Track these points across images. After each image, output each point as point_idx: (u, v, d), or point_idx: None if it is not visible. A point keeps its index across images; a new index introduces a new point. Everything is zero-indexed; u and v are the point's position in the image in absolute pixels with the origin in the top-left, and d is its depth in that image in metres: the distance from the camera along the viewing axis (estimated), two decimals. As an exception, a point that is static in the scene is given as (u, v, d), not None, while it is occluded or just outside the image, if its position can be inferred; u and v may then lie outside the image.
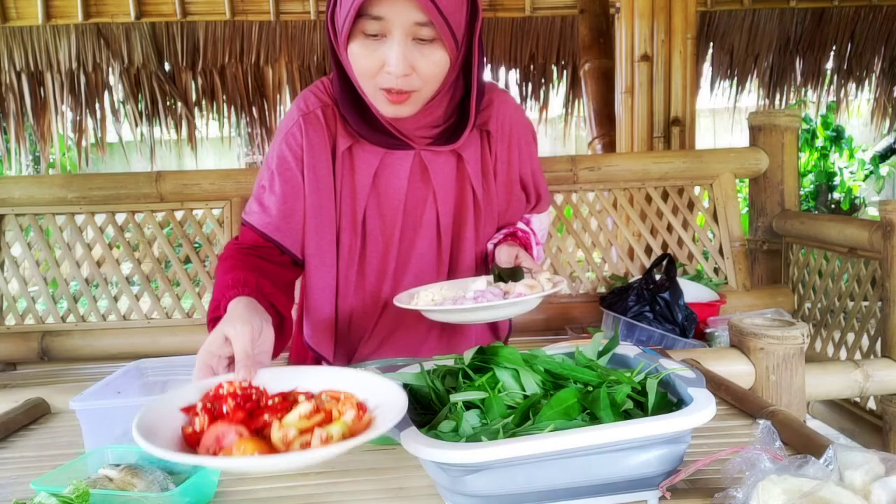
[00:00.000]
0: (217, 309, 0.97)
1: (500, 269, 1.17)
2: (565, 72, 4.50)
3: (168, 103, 4.25)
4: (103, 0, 3.89)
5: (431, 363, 0.90)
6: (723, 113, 5.92)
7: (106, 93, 4.22)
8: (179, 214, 2.33)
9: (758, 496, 0.63)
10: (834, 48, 4.54)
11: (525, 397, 0.79)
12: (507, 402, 0.78)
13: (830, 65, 4.63)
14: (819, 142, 6.16)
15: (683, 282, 2.12)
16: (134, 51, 4.07)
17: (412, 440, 0.68)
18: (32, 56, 4.01)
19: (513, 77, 4.52)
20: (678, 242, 2.42)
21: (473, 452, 0.65)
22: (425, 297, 1.09)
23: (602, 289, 2.37)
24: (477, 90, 1.09)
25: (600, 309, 2.15)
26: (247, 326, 0.84)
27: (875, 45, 4.52)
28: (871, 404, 2.08)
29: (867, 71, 4.64)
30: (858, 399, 2.10)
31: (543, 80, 4.53)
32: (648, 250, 2.43)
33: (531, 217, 1.31)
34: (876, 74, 4.67)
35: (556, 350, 0.91)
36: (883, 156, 6.28)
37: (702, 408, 0.70)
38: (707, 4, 4.20)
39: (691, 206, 2.43)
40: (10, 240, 2.25)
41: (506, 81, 4.49)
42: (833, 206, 6.08)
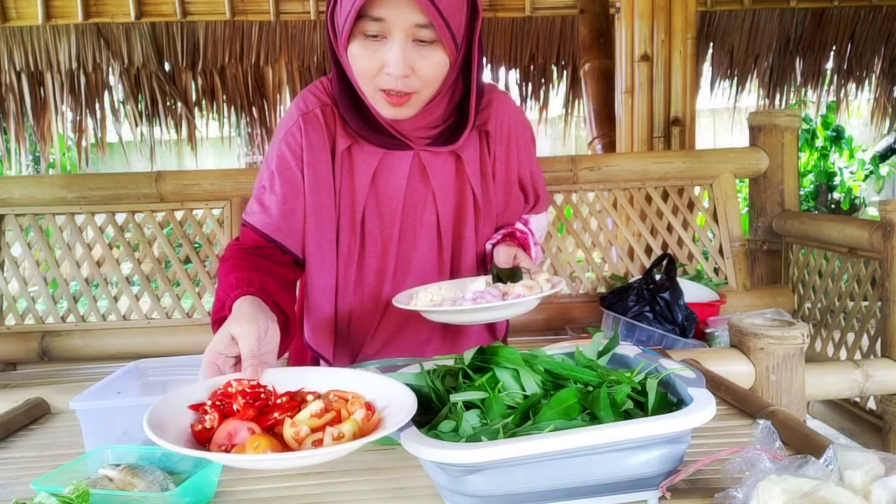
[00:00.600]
0: (221, 309, 0.97)
1: (499, 270, 1.17)
2: (565, 72, 4.50)
3: (168, 103, 4.25)
4: (103, 0, 3.89)
5: (431, 363, 0.90)
6: (723, 113, 5.92)
7: (106, 93, 4.22)
8: (179, 214, 2.33)
9: (758, 496, 0.63)
10: (834, 48, 4.54)
11: (525, 397, 0.78)
12: (507, 402, 0.78)
13: (830, 65, 4.63)
14: (819, 142, 6.16)
15: (683, 282, 2.12)
16: (134, 51, 4.07)
17: (412, 440, 0.68)
18: (32, 56, 4.01)
19: (513, 77, 4.52)
20: (678, 242, 2.42)
21: (473, 452, 0.65)
22: (424, 298, 1.09)
23: (602, 289, 2.37)
24: (476, 91, 1.09)
25: (600, 309, 2.15)
26: (253, 325, 0.84)
27: (875, 45, 4.52)
28: (871, 404, 2.08)
29: (867, 71, 4.64)
30: (858, 399, 2.10)
31: (543, 81, 4.53)
32: (648, 250, 2.43)
33: (529, 217, 1.31)
34: (876, 74, 4.67)
35: (556, 350, 0.91)
36: (883, 156, 6.28)
37: (702, 408, 0.70)
38: (707, 4, 4.20)
39: (691, 206, 2.43)
40: (10, 240, 2.26)
41: (506, 81, 4.49)
42: (833, 206, 6.08)
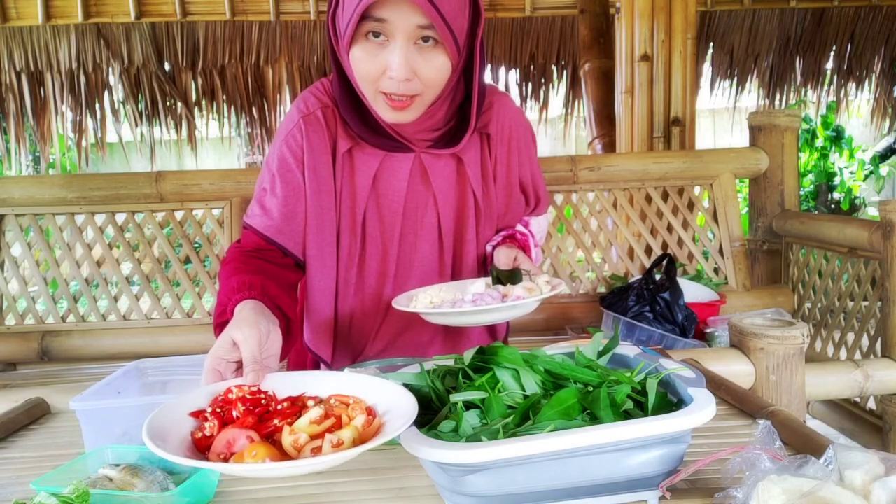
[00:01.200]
0: (223, 314, 0.97)
1: (499, 272, 1.16)
2: (565, 72, 4.50)
3: (168, 103, 4.25)
4: (103, 0, 3.89)
5: (431, 363, 0.90)
6: (723, 113, 5.92)
7: (106, 93, 4.22)
8: (179, 214, 2.33)
9: (758, 496, 0.63)
10: (834, 48, 4.54)
11: (525, 397, 0.78)
12: (507, 402, 0.78)
13: (830, 65, 4.64)
14: (819, 142, 6.16)
15: (683, 282, 2.12)
16: (134, 51, 4.07)
17: (412, 440, 0.68)
18: (32, 56, 4.02)
19: (513, 77, 4.52)
20: (678, 242, 2.42)
21: (473, 452, 0.65)
22: (424, 300, 1.09)
23: (602, 289, 2.37)
24: (478, 94, 1.09)
25: (600, 309, 2.15)
26: (254, 330, 0.83)
27: (875, 45, 4.52)
28: (871, 404, 2.08)
29: (867, 71, 4.64)
30: (858, 399, 2.10)
31: (543, 81, 4.53)
32: (648, 250, 2.43)
33: (530, 219, 1.31)
34: (876, 74, 4.67)
35: (556, 350, 0.91)
36: (883, 156, 6.28)
37: (702, 408, 0.70)
38: (707, 4, 4.20)
39: (691, 206, 2.43)
40: (10, 240, 2.26)
41: (506, 82, 4.49)
42: (833, 206, 6.08)
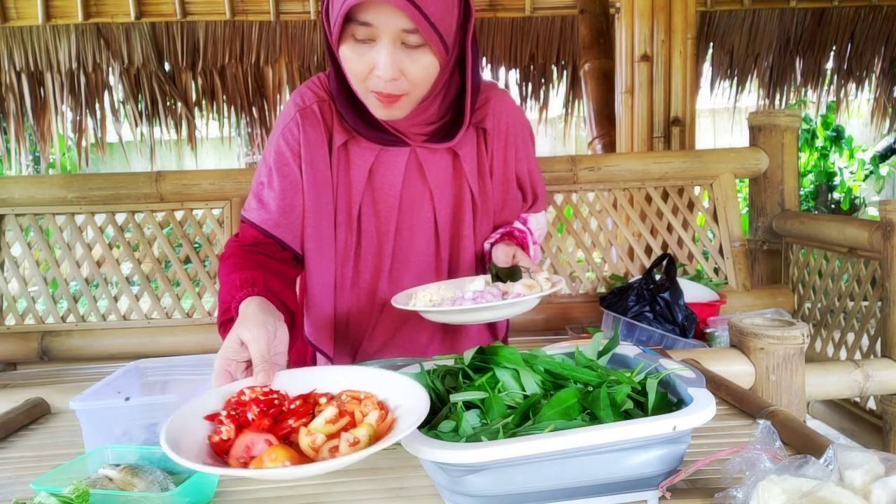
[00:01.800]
0: (227, 311, 0.97)
1: (498, 269, 1.16)
2: (565, 72, 4.50)
3: (168, 103, 4.25)
4: (103, 0, 3.89)
5: (431, 363, 0.90)
6: (723, 113, 5.92)
7: (106, 93, 4.22)
8: (179, 214, 2.33)
9: (758, 496, 0.63)
10: (834, 48, 4.54)
11: (525, 397, 0.78)
12: (507, 402, 0.78)
13: (830, 65, 4.63)
14: (819, 142, 6.16)
15: (683, 282, 2.12)
16: (134, 51, 4.07)
17: (412, 440, 0.68)
18: (32, 56, 4.02)
19: (513, 77, 4.52)
20: (678, 242, 2.42)
21: (473, 452, 0.65)
22: (423, 298, 1.09)
23: (602, 289, 2.37)
24: (472, 88, 1.09)
25: (600, 309, 2.15)
26: (262, 329, 0.83)
27: (875, 45, 4.52)
28: (871, 404, 2.08)
29: (867, 71, 4.64)
30: (858, 399, 2.10)
31: (543, 80, 4.53)
32: (648, 250, 2.43)
33: (528, 216, 1.30)
34: (876, 74, 4.67)
35: (556, 350, 0.91)
36: (883, 156, 6.28)
37: (702, 408, 0.70)
38: (707, 4, 4.20)
39: (691, 206, 2.42)
40: (10, 240, 2.26)
41: (506, 81, 4.49)
42: (833, 206, 6.09)
